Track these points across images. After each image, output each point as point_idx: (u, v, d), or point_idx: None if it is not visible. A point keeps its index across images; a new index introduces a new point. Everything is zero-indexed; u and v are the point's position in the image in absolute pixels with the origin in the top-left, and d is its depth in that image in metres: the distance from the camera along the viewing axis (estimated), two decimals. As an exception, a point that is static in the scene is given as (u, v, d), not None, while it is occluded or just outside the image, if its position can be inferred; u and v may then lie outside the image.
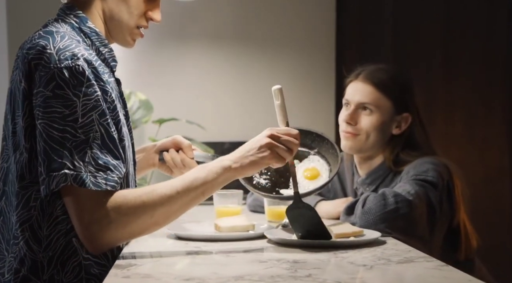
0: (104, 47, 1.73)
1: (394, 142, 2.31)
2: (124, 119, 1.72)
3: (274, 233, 1.89)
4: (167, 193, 1.60)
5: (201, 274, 1.42)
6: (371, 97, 2.30)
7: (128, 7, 1.74)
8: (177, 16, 3.54)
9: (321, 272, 1.44)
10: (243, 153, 1.71)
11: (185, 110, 3.54)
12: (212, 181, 1.65)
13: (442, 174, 2.16)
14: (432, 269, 1.48)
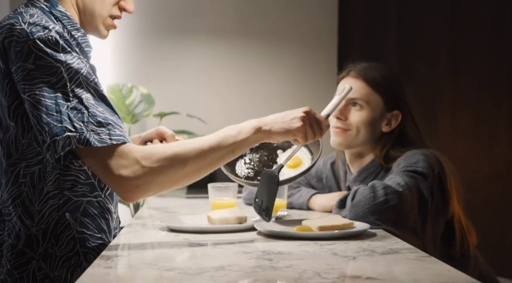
0: (76, 31, 1.75)
1: (384, 139, 2.31)
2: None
3: (264, 225, 1.90)
4: (199, 146, 1.63)
5: (182, 265, 1.43)
6: (361, 92, 2.30)
7: None
8: (179, 10, 3.56)
9: (302, 263, 1.44)
10: (275, 118, 1.73)
11: (187, 104, 3.55)
12: (243, 140, 1.69)
13: (433, 165, 2.15)
14: (413, 260, 1.49)
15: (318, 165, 2.59)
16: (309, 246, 1.65)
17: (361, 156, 2.36)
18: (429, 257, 1.49)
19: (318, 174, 2.58)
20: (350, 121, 2.31)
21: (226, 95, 3.60)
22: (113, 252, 1.57)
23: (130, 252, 1.58)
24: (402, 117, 2.31)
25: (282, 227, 1.90)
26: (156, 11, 3.57)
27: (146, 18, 3.58)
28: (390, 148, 2.30)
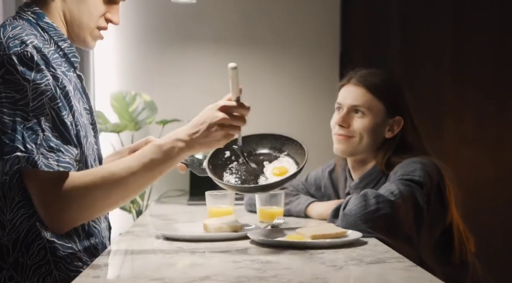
0: (63, 42, 1.79)
1: (387, 145, 2.32)
2: (84, 113, 1.79)
3: (257, 233, 1.92)
4: (123, 176, 1.66)
5: (170, 274, 1.45)
6: (363, 99, 2.31)
7: (88, 8, 1.81)
8: (182, 18, 3.59)
9: (289, 273, 1.46)
10: (197, 136, 1.74)
11: (190, 111, 3.56)
12: (169, 162, 1.73)
13: (431, 174, 2.16)
14: (399, 270, 1.50)
15: (317, 173, 2.61)
16: (299, 255, 1.67)
17: (363, 163, 2.36)
18: (415, 267, 1.51)
19: (316, 182, 2.59)
20: (353, 128, 2.32)
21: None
22: (104, 260, 1.60)
23: (120, 261, 1.61)
24: (404, 122, 2.32)
25: (276, 235, 1.92)
26: (159, 20, 3.61)
27: (150, 27, 3.61)
28: (392, 154, 2.30)
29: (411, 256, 2.07)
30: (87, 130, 1.78)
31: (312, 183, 2.60)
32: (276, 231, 1.99)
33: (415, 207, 2.08)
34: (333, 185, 2.54)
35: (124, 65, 3.60)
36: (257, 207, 2.36)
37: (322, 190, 2.56)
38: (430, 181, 2.14)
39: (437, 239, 2.22)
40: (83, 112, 1.79)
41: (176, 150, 1.72)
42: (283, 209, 2.36)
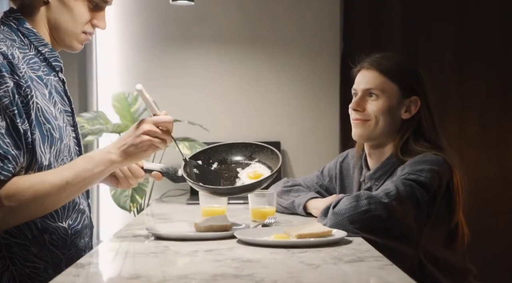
0: (43, 47, 1.86)
1: (405, 127, 2.29)
2: (64, 116, 1.88)
3: (243, 233, 1.95)
4: (57, 183, 1.73)
5: (149, 273, 1.49)
6: (375, 82, 2.29)
7: (73, 16, 1.87)
8: (184, 20, 3.63)
9: (265, 271, 1.49)
10: (126, 147, 1.83)
11: (192, 111, 3.62)
12: (99, 172, 1.81)
13: (441, 175, 2.14)
14: (374, 268, 1.53)
15: (330, 165, 2.62)
16: (281, 254, 1.70)
17: (381, 147, 2.33)
18: (391, 265, 1.53)
19: (330, 173, 2.61)
20: (368, 111, 2.30)
21: (230, 102, 3.66)
22: (88, 259, 1.63)
23: (104, 260, 1.64)
24: (421, 103, 2.29)
25: (262, 234, 1.94)
26: (161, 21, 3.65)
27: (152, 28, 3.65)
28: (412, 139, 2.27)
29: (408, 256, 2.10)
30: (63, 132, 1.84)
31: (326, 175, 2.62)
32: (264, 230, 2.02)
33: (415, 208, 2.07)
34: (340, 176, 2.55)
35: (127, 66, 3.64)
36: (249, 207, 2.39)
37: (333, 181, 2.58)
38: (438, 182, 2.12)
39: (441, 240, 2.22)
40: (62, 114, 1.86)
41: (106, 161, 1.81)
42: (275, 209, 2.39)
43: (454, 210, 2.21)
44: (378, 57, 2.34)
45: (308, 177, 2.68)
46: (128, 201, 3.13)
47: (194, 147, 3.17)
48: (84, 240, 1.97)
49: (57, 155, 1.81)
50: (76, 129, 1.96)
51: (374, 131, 2.30)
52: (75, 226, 1.92)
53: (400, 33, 3.88)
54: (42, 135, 1.77)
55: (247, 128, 3.59)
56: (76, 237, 1.93)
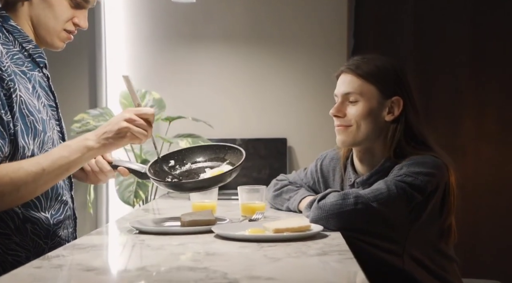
0: (27, 43, 1.92)
1: (391, 130, 2.23)
2: (48, 110, 1.94)
3: (221, 227, 1.96)
4: (33, 170, 1.76)
5: (108, 265, 1.52)
6: (353, 85, 2.24)
7: (54, 13, 1.93)
8: (192, 18, 3.66)
9: (223, 264, 1.51)
10: (105, 135, 1.87)
11: (199, 108, 3.65)
12: (76, 159, 1.84)
13: (439, 179, 2.10)
14: (333, 262, 1.54)
15: (312, 167, 2.61)
16: (250, 248, 1.72)
17: (370, 151, 2.27)
18: (351, 259, 1.54)
19: (312, 176, 2.59)
20: (349, 116, 2.24)
21: (237, 99, 3.68)
22: (57, 253, 1.67)
23: (73, 253, 1.67)
24: (404, 103, 2.23)
25: (239, 229, 1.96)
26: (170, 19, 3.68)
27: (161, 26, 3.69)
28: (403, 141, 2.21)
29: (392, 252, 2.10)
30: (47, 125, 1.90)
31: (309, 177, 2.61)
32: (245, 225, 2.03)
33: (404, 210, 2.05)
34: (323, 179, 2.52)
35: (136, 64, 3.69)
36: (239, 202, 2.40)
37: (317, 184, 2.58)
38: (435, 185, 2.09)
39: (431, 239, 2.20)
40: (46, 108, 1.92)
41: (83, 148, 1.84)
42: (264, 204, 2.39)
43: (449, 212, 2.17)
44: (355, 60, 2.28)
45: (297, 175, 2.66)
46: (132, 196, 3.17)
47: (197, 143, 3.20)
48: (68, 231, 2.02)
49: (41, 146, 1.86)
50: (61, 123, 2.03)
51: (357, 136, 2.24)
52: (57, 217, 1.97)
53: (412, 29, 3.83)
54: (26, 127, 1.82)
55: (254, 125, 3.60)
56: (59, 227, 1.98)
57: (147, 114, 1.92)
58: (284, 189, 2.54)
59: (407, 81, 2.28)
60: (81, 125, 3.18)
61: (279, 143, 3.52)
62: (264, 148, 3.47)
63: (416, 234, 2.12)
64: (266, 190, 2.64)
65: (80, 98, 3.58)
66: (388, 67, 2.26)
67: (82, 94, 3.58)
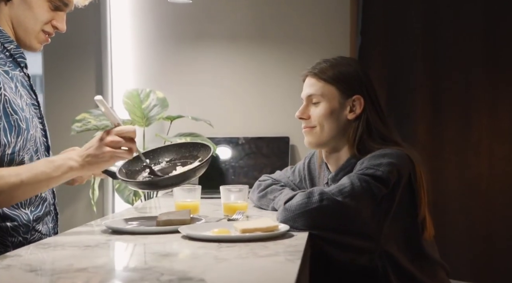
0: (9, 44, 1.98)
1: (353, 127, 2.29)
2: (32, 108, 2.00)
3: (189, 227, 1.98)
4: (12, 181, 1.80)
5: (56, 266, 1.55)
6: (314, 88, 2.33)
7: (33, 14, 1.99)
8: (196, 18, 3.68)
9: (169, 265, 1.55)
10: (88, 158, 1.90)
11: (202, 107, 3.67)
12: (57, 177, 1.87)
13: (400, 168, 2.13)
14: (276, 263, 1.55)
15: (300, 165, 2.64)
16: (208, 248, 1.74)
17: (336, 151, 2.34)
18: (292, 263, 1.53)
19: (300, 174, 2.62)
20: (313, 118, 2.33)
21: (240, 97, 3.69)
22: (19, 251, 1.71)
23: (33, 252, 1.71)
24: (365, 101, 2.29)
25: (206, 229, 1.97)
26: (174, 19, 3.71)
27: (165, 26, 3.72)
28: (365, 136, 2.27)
29: (366, 250, 2.09)
30: (30, 123, 1.95)
31: (297, 175, 2.63)
32: (212, 225, 2.05)
33: (372, 203, 2.06)
34: (310, 176, 2.55)
35: (141, 63, 3.73)
36: (221, 202, 2.42)
37: (303, 182, 2.59)
38: (397, 176, 2.11)
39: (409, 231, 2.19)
40: (28, 107, 1.98)
41: (65, 167, 1.87)
42: (246, 204, 2.40)
43: (418, 202, 2.18)
44: (317, 63, 2.37)
45: (283, 173, 2.68)
46: (131, 194, 3.21)
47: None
48: (48, 226, 2.08)
49: (24, 145, 1.92)
50: (43, 121, 2.08)
51: (321, 136, 2.32)
52: (37, 213, 2.03)
53: (420, 27, 3.77)
54: (10, 125, 1.88)
55: (257, 124, 3.61)
56: (38, 223, 2.03)
57: (129, 132, 1.94)
58: (269, 190, 2.57)
59: (369, 80, 2.36)
60: (82, 125, 3.23)
61: (281, 142, 3.52)
62: (267, 146, 3.48)
63: (389, 229, 2.11)
64: (251, 192, 2.66)
65: (86, 98, 3.63)
66: (348, 68, 2.35)
67: (89, 94, 3.64)
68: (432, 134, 3.79)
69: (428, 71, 3.77)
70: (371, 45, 3.77)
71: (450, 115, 3.80)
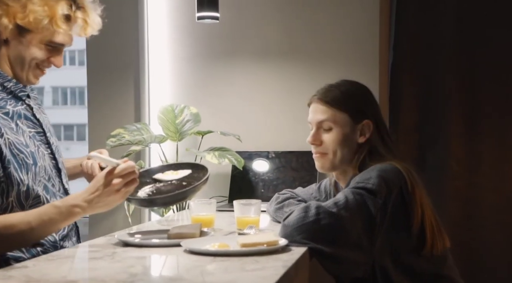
0: (8, 82, 2.12)
1: (361, 149, 2.38)
2: (37, 138, 2.14)
3: (189, 242, 2.06)
4: (22, 228, 1.94)
5: (51, 277, 1.66)
6: (326, 115, 2.40)
7: (30, 54, 2.12)
8: (225, 35, 3.79)
9: (154, 279, 1.62)
10: (98, 203, 2.03)
11: (234, 122, 3.76)
12: (65, 222, 2.01)
13: (389, 181, 2.19)
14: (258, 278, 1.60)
15: (327, 181, 2.71)
16: (202, 261, 1.83)
17: (345, 172, 2.43)
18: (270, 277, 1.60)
19: (326, 190, 2.69)
20: (325, 144, 2.41)
21: (270, 112, 3.76)
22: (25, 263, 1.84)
23: (39, 264, 1.83)
24: (374, 125, 2.38)
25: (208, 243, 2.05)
26: (207, 37, 3.83)
27: (199, 44, 3.84)
28: (367, 157, 2.35)
29: (361, 263, 2.13)
30: (36, 156, 2.10)
31: (323, 191, 2.70)
32: (215, 239, 2.13)
33: (365, 215, 2.12)
34: (337, 191, 2.60)
35: (176, 80, 3.86)
36: (235, 216, 2.50)
37: (327, 198, 2.64)
38: (386, 188, 2.17)
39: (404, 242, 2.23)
40: (32, 139, 2.12)
41: (73, 214, 2.00)
42: (258, 218, 2.47)
43: (412, 213, 2.21)
44: (324, 89, 2.45)
45: (306, 190, 2.75)
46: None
47: (223, 157, 3.32)
48: (72, 241, 2.23)
49: (34, 178, 2.07)
50: (50, 146, 2.20)
51: (334, 162, 2.41)
52: (62, 233, 2.17)
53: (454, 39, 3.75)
54: (18, 164, 2.03)
55: (286, 138, 3.68)
56: (64, 241, 2.18)
57: (130, 168, 2.05)
58: (286, 203, 2.64)
59: (375, 102, 2.45)
60: (116, 140, 3.37)
61: (310, 156, 3.53)
62: (296, 161, 3.54)
63: (383, 243, 2.16)
64: (268, 204, 2.73)
65: (125, 114, 3.79)
66: (355, 91, 2.41)
67: (128, 108, 3.78)
68: (467, 148, 3.75)
69: (462, 85, 3.74)
70: (403, 59, 3.77)
71: (485, 128, 3.77)
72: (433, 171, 3.73)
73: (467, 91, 3.74)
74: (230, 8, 3.74)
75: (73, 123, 26.20)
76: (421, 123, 3.76)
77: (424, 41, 3.78)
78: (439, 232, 2.28)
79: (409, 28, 3.77)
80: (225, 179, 3.59)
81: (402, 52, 3.78)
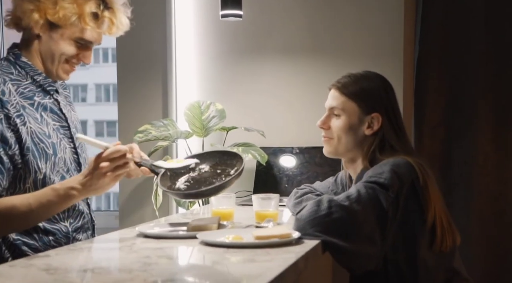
0: (38, 76, 2.22)
1: (369, 142, 2.43)
2: (61, 131, 2.23)
3: (205, 234, 2.13)
4: (23, 210, 2.03)
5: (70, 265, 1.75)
6: (337, 101, 2.49)
7: (60, 49, 2.21)
8: (250, 32, 3.85)
9: (163, 268, 1.70)
10: (91, 186, 2.06)
11: (258, 118, 3.82)
12: (63, 204, 2.09)
13: (402, 175, 2.23)
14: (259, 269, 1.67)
15: (342, 173, 2.75)
16: (214, 254, 1.89)
17: (353, 161, 2.50)
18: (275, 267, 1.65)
19: (342, 182, 2.73)
20: (332, 129, 2.50)
21: (294, 108, 3.82)
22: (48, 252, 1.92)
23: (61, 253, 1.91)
24: (383, 119, 2.42)
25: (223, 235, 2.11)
26: (232, 35, 3.89)
27: (224, 42, 3.91)
28: (377, 151, 2.40)
29: (373, 256, 2.18)
30: (57, 147, 2.19)
31: (339, 183, 2.75)
32: (231, 231, 2.19)
33: (377, 209, 2.16)
34: (351, 185, 2.64)
35: (204, 77, 3.94)
36: (253, 209, 2.55)
37: (344, 189, 2.69)
38: (398, 182, 2.21)
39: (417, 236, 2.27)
40: (56, 131, 2.21)
41: (69, 196, 2.06)
42: (276, 212, 2.52)
43: (426, 208, 2.25)
44: (342, 78, 2.52)
45: (323, 183, 2.80)
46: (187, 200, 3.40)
47: (247, 152, 3.38)
48: (87, 234, 2.32)
49: (53, 167, 2.16)
50: (73, 140, 2.28)
51: (338, 148, 2.48)
52: (76, 224, 2.26)
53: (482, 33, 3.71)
54: (38, 153, 2.12)
55: (310, 134, 3.71)
56: (78, 233, 2.26)
57: (118, 152, 2.07)
58: (304, 198, 2.68)
59: (390, 96, 2.49)
60: (143, 135, 3.46)
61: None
62: (320, 156, 3.58)
63: (396, 236, 2.20)
64: (288, 199, 2.79)
65: (154, 110, 3.87)
66: (370, 85, 2.46)
67: (156, 105, 3.87)
68: (496, 144, 3.75)
69: (491, 80, 3.73)
70: (429, 54, 3.77)
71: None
72: (460, 166, 3.73)
73: (496, 87, 3.72)
74: (253, 6, 3.81)
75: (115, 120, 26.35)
76: (447, 118, 3.76)
77: (450, 36, 3.77)
78: (450, 228, 2.31)
79: (436, 23, 3.76)
80: (250, 174, 3.65)
81: (428, 47, 3.77)
